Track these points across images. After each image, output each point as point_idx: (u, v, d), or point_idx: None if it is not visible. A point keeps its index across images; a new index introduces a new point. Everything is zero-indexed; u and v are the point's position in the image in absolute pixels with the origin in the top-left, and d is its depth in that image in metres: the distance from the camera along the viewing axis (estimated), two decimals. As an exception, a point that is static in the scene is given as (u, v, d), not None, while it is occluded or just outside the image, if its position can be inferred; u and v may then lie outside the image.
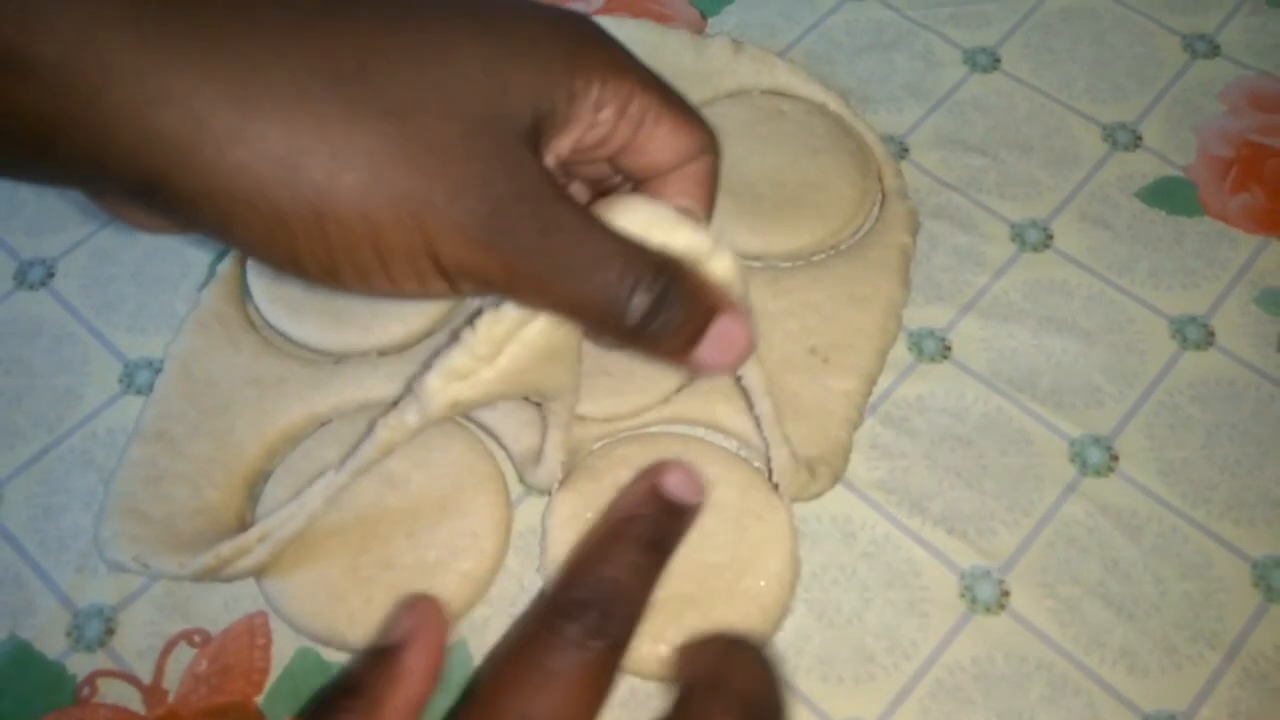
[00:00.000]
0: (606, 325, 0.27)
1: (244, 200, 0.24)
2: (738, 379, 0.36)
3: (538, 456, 0.40)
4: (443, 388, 0.30)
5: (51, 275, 0.47)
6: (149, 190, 0.25)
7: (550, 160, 0.28)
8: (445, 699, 0.38)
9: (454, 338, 0.30)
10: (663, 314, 0.27)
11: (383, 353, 0.44)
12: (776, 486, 0.40)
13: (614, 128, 0.29)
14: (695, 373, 0.29)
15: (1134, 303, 0.46)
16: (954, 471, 0.42)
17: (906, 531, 0.41)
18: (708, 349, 0.28)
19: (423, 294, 0.27)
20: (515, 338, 0.29)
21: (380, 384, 0.43)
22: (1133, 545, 0.41)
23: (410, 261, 0.26)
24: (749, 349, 0.29)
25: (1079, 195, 0.49)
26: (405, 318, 0.44)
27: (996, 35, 0.54)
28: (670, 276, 0.27)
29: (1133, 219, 0.48)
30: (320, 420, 0.43)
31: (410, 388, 0.31)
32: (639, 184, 0.32)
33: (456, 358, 0.29)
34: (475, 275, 0.26)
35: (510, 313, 0.28)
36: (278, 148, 0.24)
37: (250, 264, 0.46)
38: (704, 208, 0.31)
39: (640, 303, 0.26)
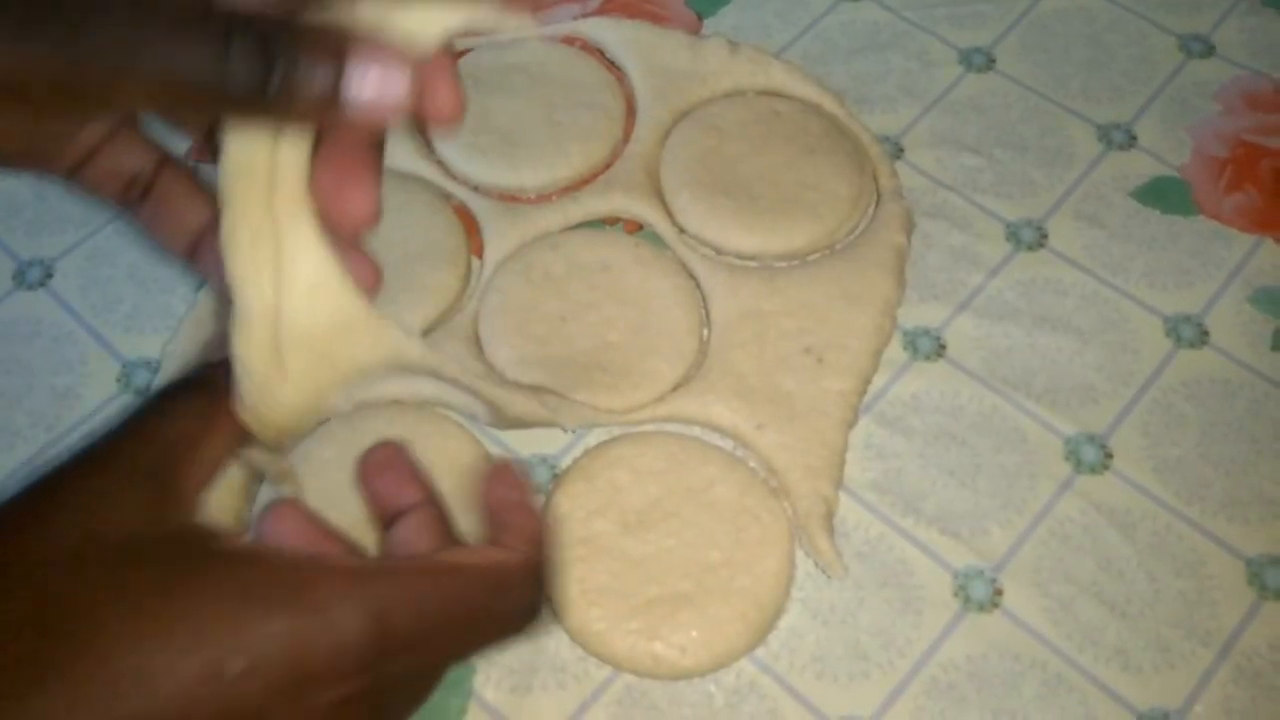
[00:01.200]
0: (218, 101, 0.23)
1: None
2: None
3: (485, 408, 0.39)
4: (260, 425, 0.26)
5: (50, 276, 0.48)
6: None
7: None
8: (442, 695, 0.38)
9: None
10: (277, 71, 0.23)
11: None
12: (778, 490, 0.40)
13: None
14: (357, 124, 0.24)
15: (1129, 301, 0.46)
16: (948, 470, 0.42)
17: (900, 531, 0.41)
18: (356, 88, 0.23)
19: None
20: (285, 341, 0.25)
21: (377, 384, 0.43)
22: (1127, 543, 0.41)
23: None
24: (402, 82, 0.24)
25: (1074, 195, 0.49)
26: (400, 321, 0.44)
27: (992, 35, 0.54)
28: (273, 25, 0.23)
29: (1127, 218, 0.48)
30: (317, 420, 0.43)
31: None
32: None
33: (245, 388, 0.25)
34: (26, 85, 0.23)
35: (253, 302, 0.25)
36: None
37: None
38: None
39: (242, 63, 0.22)
